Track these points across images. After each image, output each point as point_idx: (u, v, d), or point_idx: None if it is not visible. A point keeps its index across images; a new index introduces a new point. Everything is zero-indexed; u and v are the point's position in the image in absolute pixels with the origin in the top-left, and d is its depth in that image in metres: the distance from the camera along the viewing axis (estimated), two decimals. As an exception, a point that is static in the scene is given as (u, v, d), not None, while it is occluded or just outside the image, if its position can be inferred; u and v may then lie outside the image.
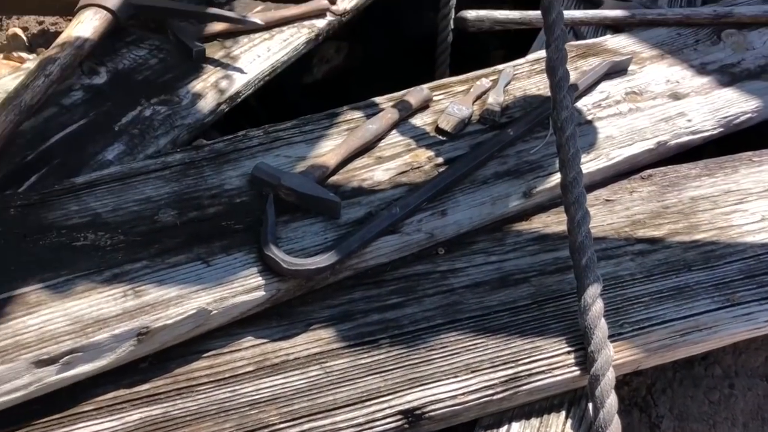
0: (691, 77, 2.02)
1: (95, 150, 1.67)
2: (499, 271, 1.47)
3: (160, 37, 2.03)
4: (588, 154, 1.71)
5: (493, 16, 2.10)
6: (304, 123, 1.74)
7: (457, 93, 1.88)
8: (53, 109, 1.75)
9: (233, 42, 2.08)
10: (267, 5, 2.30)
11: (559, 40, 1.53)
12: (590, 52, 2.07)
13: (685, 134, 1.84)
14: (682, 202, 1.70)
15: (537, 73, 1.97)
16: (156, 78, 1.91)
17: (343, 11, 2.33)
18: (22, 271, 1.28)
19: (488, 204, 1.57)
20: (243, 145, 1.65)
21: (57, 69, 1.71)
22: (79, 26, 1.85)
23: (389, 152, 1.68)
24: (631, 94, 1.93)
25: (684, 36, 2.18)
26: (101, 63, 1.91)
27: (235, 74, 1.97)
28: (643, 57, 2.07)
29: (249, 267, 1.35)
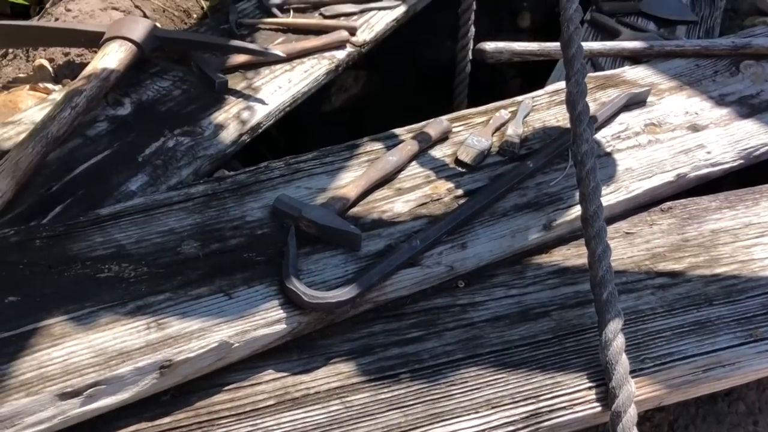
0: (710, 109, 2.02)
1: (119, 181, 1.70)
2: (520, 305, 1.47)
3: (184, 69, 2.07)
4: (607, 187, 1.72)
5: (511, 47, 2.11)
6: (325, 154, 1.76)
7: (477, 124, 1.89)
8: (78, 140, 1.78)
9: (255, 73, 2.11)
10: (288, 37, 2.33)
11: (579, 74, 1.54)
12: (609, 83, 2.08)
13: (704, 166, 1.83)
14: (702, 235, 1.70)
15: (556, 105, 1.98)
16: (179, 109, 1.94)
17: (362, 42, 2.36)
18: (48, 303, 1.30)
19: (508, 237, 1.57)
20: (264, 177, 1.66)
21: (83, 101, 1.74)
22: (104, 58, 1.89)
23: (409, 184, 1.69)
24: (650, 126, 1.93)
25: (702, 67, 2.18)
26: (126, 94, 1.94)
27: (256, 105, 2.00)
28: (662, 88, 2.08)
29: (270, 300, 1.36)
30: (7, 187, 1.49)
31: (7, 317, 1.27)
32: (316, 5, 2.52)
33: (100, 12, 2.26)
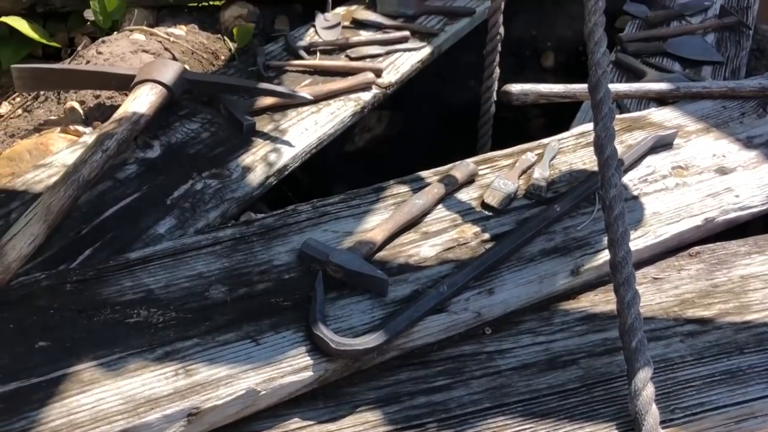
0: (738, 151, 2.01)
1: (147, 224, 1.72)
2: (547, 353, 1.46)
3: (212, 111, 2.10)
4: (635, 231, 1.70)
5: (537, 89, 2.12)
6: (352, 197, 1.77)
7: (503, 167, 1.90)
8: (108, 183, 1.81)
9: (282, 115, 2.14)
10: (315, 78, 2.36)
11: (606, 118, 1.53)
12: (635, 125, 2.08)
13: (733, 210, 1.82)
14: (731, 280, 1.68)
15: (582, 147, 1.98)
16: (207, 151, 1.96)
17: (388, 84, 2.39)
18: (77, 348, 1.31)
19: (535, 282, 1.56)
20: (292, 220, 1.67)
21: (114, 144, 1.77)
22: (135, 101, 1.92)
23: (435, 227, 1.69)
24: (678, 169, 1.93)
25: (729, 109, 2.18)
26: (155, 137, 1.97)
27: (283, 147, 2.02)
28: (689, 130, 2.07)
29: (297, 346, 1.36)
30: (39, 230, 1.51)
31: (37, 363, 1.27)
32: (342, 47, 2.56)
33: (131, 55, 2.30)
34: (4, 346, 1.30)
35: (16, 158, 1.95)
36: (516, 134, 3.26)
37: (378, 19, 2.78)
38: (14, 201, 1.72)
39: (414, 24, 2.80)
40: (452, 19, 2.89)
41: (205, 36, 2.63)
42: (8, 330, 1.33)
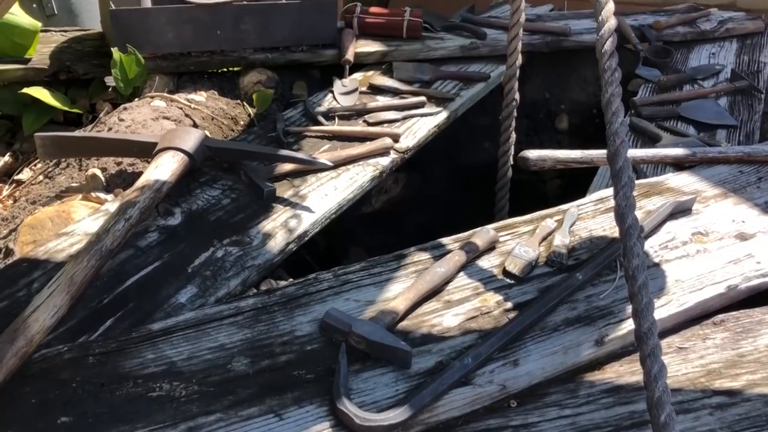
0: (757, 216, 2.01)
1: (169, 293, 1.71)
2: (574, 426, 1.43)
3: (233, 177, 2.12)
4: (658, 299, 1.69)
5: (554, 155, 2.14)
6: (373, 265, 1.77)
7: (523, 234, 1.90)
8: (130, 251, 1.81)
9: (302, 181, 2.15)
10: (333, 144, 2.39)
11: (627, 187, 1.53)
12: (653, 191, 2.08)
13: (755, 277, 1.81)
14: (758, 349, 1.66)
15: (601, 213, 1.99)
16: (228, 218, 1.97)
17: (405, 149, 2.41)
18: (100, 424, 1.30)
19: (560, 353, 1.55)
20: (313, 289, 1.67)
21: (137, 213, 1.78)
22: (158, 169, 1.94)
23: (457, 296, 1.68)
24: (698, 235, 1.92)
25: (746, 174, 2.18)
26: (176, 204, 1.99)
27: (303, 213, 2.03)
28: (707, 196, 2.08)
29: (321, 421, 1.34)
30: (62, 302, 1.51)
31: (59, 439, 1.27)
32: (360, 112, 2.60)
33: (152, 122, 2.33)
34: (27, 421, 1.29)
35: (38, 226, 1.96)
36: (533, 196, 3.29)
37: (394, 84, 2.82)
38: (36, 270, 1.73)
39: (430, 89, 2.84)
40: (467, 84, 2.94)
41: (225, 102, 2.67)
42: (30, 405, 1.33)
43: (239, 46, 2.80)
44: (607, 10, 1.64)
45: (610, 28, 1.62)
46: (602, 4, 1.65)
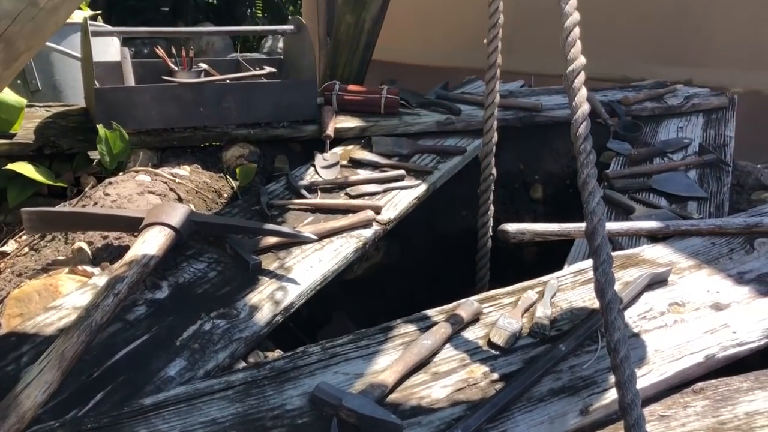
0: (731, 287, 2.07)
1: (158, 366, 1.72)
2: (564, 497, 1.46)
3: (219, 250, 2.15)
4: (639, 369, 1.74)
5: (533, 229, 2.20)
6: (360, 338, 1.80)
7: (506, 305, 1.94)
8: (118, 325, 1.82)
9: (287, 253, 2.19)
10: (317, 216, 2.43)
11: (605, 263, 1.59)
12: (630, 262, 2.15)
13: (731, 346, 1.86)
14: (738, 417, 1.70)
15: (580, 285, 2.04)
16: (215, 291, 1.99)
17: (387, 221, 2.46)
18: (93, 502, 1.29)
19: (546, 423, 1.57)
20: (302, 362, 1.69)
21: (125, 287, 1.79)
22: (145, 244, 1.96)
23: (445, 368, 1.71)
24: (674, 305, 1.98)
25: (718, 245, 2.26)
26: (163, 277, 2.01)
27: (289, 285, 2.06)
28: (682, 267, 2.15)
29: (315, 495, 1.35)
30: (53, 378, 1.51)
31: None
32: (342, 186, 2.66)
33: (137, 196, 2.37)
34: (19, 500, 1.28)
35: (24, 299, 1.96)
36: (511, 262, 3.35)
37: (374, 158, 2.89)
38: (25, 344, 1.73)
39: (409, 162, 2.92)
40: (444, 157, 3.02)
41: (209, 175, 2.72)
42: (23, 483, 1.32)
43: (222, 122, 2.87)
44: (580, 96, 1.73)
45: (584, 112, 1.71)
46: (575, 90, 1.74)
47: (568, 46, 1.82)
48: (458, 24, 4.81)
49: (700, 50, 4.27)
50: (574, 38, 1.82)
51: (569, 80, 1.80)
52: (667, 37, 4.32)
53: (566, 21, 1.82)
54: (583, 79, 1.79)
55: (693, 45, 4.28)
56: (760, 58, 4.14)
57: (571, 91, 1.78)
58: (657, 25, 4.33)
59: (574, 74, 1.79)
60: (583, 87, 1.79)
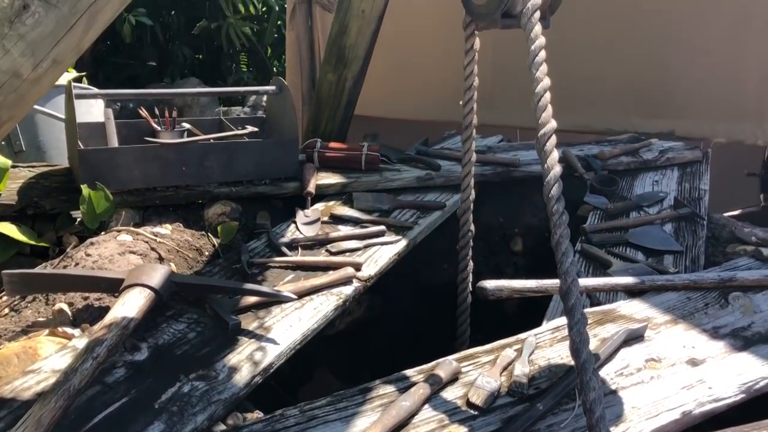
0: (706, 342, 2.10)
1: (137, 429, 1.71)
2: None
3: (198, 310, 2.15)
4: (616, 426, 1.75)
5: (511, 285, 2.23)
6: (339, 399, 1.80)
7: (484, 363, 1.96)
8: (97, 387, 1.82)
9: (266, 312, 2.20)
10: (297, 274, 2.45)
11: (580, 323, 1.62)
12: (607, 318, 2.18)
13: (708, 402, 1.88)
14: (715, 475, 1.71)
15: (558, 342, 2.06)
16: (194, 352, 2.00)
17: (368, 277, 2.48)
18: None
19: (524, 484, 1.58)
20: (280, 426, 1.69)
21: (104, 351, 1.80)
22: (125, 306, 1.97)
23: (423, 429, 1.72)
24: (651, 362, 2.00)
25: (694, 300, 2.30)
26: (143, 339, 2.01)
27: (268, 345, 2.06)
28: (657, 322, 2.18)
29: None
30: (30, 445, 1.51)
31: None
32: (323, 242, 2.68)
33: (119, 256, 2.38)
34: None
35: (3, 362, 1.96)
36: (492, 313, 3.36)
37: (355, 214, 2.93)
38: (2, 409, 1.72)
39: (389, 218, 2.95)
40: (424, 212, 3.06)
41: (190, 233, 2.74)
42: None
43: (204, 180, 2.90)
44: (552, 159, 1.79)
45: (556, 174, 1.76)
46: (547, 153, 1.79)
47: (540, 111, 1.88)
48: (438, 79, 4.90)
49: (682, 102, 4.38)
50: (545, 103, 1.88)
51: (541, 143, 1.86)
52: (649, 90, 4.43)
53: (537, 86, 1.89)
54: (554, 142, 1.84)
55: (675, 97, 4.39)
56: (740, 109, 4.25)
57: (542, 153, 1.84)
58: (639, 79, 4.45)
59: (546, 137, 1.84)
60: (555, 150, 1.84)
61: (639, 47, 4.39)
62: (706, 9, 4.24)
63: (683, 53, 4.34)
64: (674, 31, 4.32)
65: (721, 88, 4.29)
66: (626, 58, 4.44)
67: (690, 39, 4.31)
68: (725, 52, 4.26)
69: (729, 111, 4.26)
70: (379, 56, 3.94)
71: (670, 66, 4.37)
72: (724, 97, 4.28)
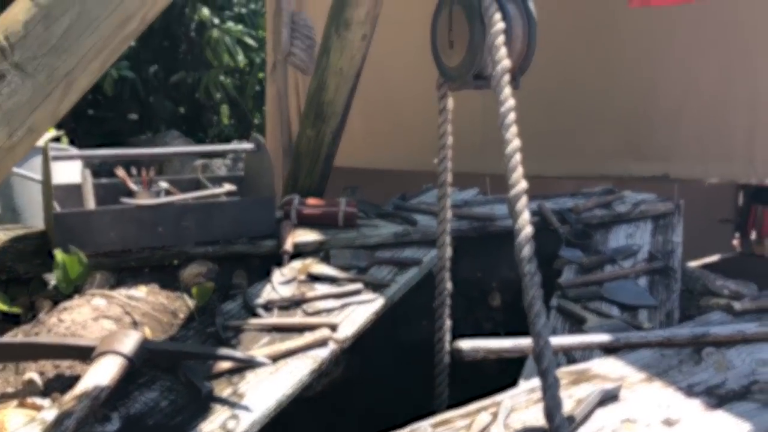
0: (681, 400, 2.10)
1: (105, 506, 1.69)
2: None
3: (171, 377, 2.13)
4: (593, 492, 1.74)
5: (487, 346, 2.23)
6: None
7: (460, 429, 1.94)
8: (65, 462, 1.79)
9: (240, 377, 2.18)
10: (272, 336, 2.44)
11: (553, 387, 1.63)
12: (582, 378, 2.17)
13: (683, 463, 1.88)
14: None
15: (534, 403, 2.05)
16: (167, 421, 1.97)
17: (344, 339, 2.48)
18: None
19: None
20: (252, 498, 1.67)
21: (73, 423, 1.78)
22: (96, 375, 1.95)
23: (397, 499, 1.70)
24: (626, 422, 1.99)
25: (668, 357, 2.30)
26: (114, 408, 1.98)
27: (242, 413, 2.04)
28: (632, 381, 2.17)
29: None
30: None
31: None
32: (299, 302, 2.68)
33: (92, 322, 2.36)
34: None
35: (-31, 437, 1.92)
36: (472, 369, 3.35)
37: (332, 272, 2.93)
38: (-33, 489, 1.69)
39: (366, 275, 2.96)
40: (402, 269, 3.07)
41: (165, 295, 2.72)
42: None
43: (180, 241, 2.90)
44: (523, 219, 1.81)
45: (527, 235, 1.78)
46: (518, 214, 1.82)
47: (510, 171, 1.91)
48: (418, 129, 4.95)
49: (674, 145, 4.47)
50: (516, 164, 1.91)
51: (512, 204, 1.88)
52: (641, 135, 4.51)
53: (507, 148, 1.92)
54: (525, 203, 1.87)
55: (666, 141, 4.48)
56: (730, 149, 4.36)
57: (514, 214, 1.86)
58: (631, 125, 4.53)
59: (517, 198, 1.87)
60: (526, 210, 1.86)
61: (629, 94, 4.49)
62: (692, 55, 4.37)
63: (673, 98, 4.44)
64: (662, 78, 4.43)
65: (710, 130, 4.39)
66: (617, 104, 4.53)
67: (678, 84, 4.42)
68: (713, 95, 4.37)
69: (720, 152, 4.37)
70: (358, 107, 3.99)
71: (661, 111, 4.47)
72: (714, 138, 4.38)
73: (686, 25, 4.34)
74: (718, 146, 4.36)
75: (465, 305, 3.54)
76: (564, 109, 4.55)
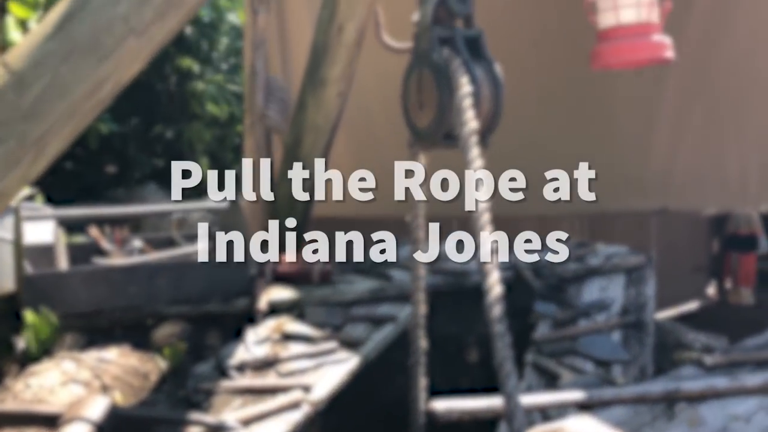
0: (655, 460, 2.10)
1: None
2: None
3: (142, 442, 2.10)
4: None
5: (461, 407, 2.23)
6: None
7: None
8: None
9: (212, 442, 2.15)
10: (245, 398, 2.41)
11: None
12: (556, 437, 2.16)
13: None
14: None
15: (508, 466, 2.04)
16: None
17: (318, 401, 2.45)
18: None
19: None
20: None
21: (38, 496, 1.74)
22: (62, 445, 1.92)
23: None
24: (601, 482, 1.99)
25: (641, 413, 2.30)
26: (81, 478, 1.95)
27: (213, 482, 2.02)
28: (606, 440, 2.17)
29: None
30: None
31: None
32: (272, 363, 2.65)
33: (60, 387, 2.32)
34: None
35: None
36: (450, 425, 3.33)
37: (306, 330, 2.91)
38: None
39: (341, 333, 2.94)
40: (377, 325, 3.06)
41: (137, 357, 2.69)
42: None
43: (153, 301, 2.88)
44: (493, 279, 1.82)
45: (497, 296, 1.80)
46: (488, 271, 1.83)
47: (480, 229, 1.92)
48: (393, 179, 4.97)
49: (670, 179, 4.58)
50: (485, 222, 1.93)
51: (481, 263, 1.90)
52: (639, 171, 4.59)
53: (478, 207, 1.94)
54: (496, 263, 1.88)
55: (664, 174, 4.58)
56: (725, 180, 4.49)
57: (484, 273, 1.87)
58: (629, 161, 4.60)
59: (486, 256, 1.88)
60: (496, 270, 1.88)
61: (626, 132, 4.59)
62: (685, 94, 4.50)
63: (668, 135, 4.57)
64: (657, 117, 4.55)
65: (708, 161, 4.53)
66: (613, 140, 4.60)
67: (673, 122, 4.55)
68: (706, 130, 4.51)
69: (715, 183, 4.51)
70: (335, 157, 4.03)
71: (657, 147, 4.58)
72: (709, 171, 4.53)
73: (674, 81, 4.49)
74: (713, 179, 4.51)
75: (442, 361, 3.52)
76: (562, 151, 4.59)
